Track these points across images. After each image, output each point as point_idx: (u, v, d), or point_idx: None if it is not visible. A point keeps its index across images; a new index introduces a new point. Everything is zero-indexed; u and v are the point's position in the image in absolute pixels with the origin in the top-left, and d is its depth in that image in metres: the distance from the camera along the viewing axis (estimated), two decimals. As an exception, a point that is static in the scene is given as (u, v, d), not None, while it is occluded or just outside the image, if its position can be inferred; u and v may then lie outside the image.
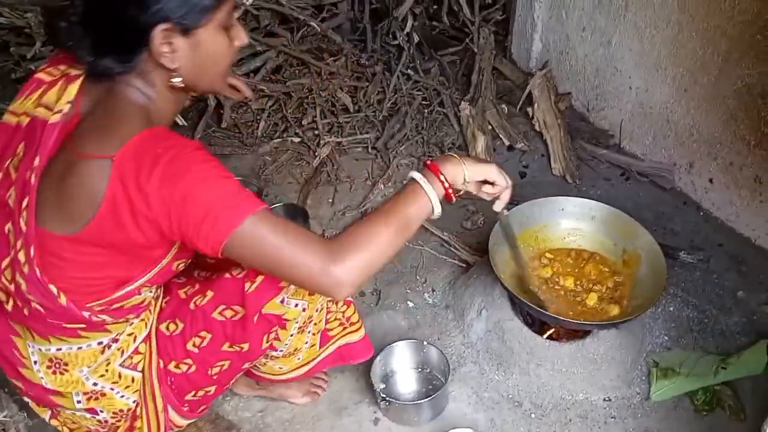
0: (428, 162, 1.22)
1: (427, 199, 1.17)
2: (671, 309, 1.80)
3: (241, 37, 1.17)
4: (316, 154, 2.45)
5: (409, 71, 2.71)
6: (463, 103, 2.54)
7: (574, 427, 1.58)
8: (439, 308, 1.85)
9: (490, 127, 2.49)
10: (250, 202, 1.06)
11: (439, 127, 2.57)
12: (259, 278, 1.24)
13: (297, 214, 2.09)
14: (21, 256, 1.11)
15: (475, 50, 2.72)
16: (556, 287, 1.71)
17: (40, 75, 1.18)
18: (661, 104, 2.14)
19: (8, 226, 1.13)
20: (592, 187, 2.27)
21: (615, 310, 1.65)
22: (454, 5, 2.78)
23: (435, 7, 2.84)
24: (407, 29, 2.81)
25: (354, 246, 1.10)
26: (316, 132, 2.52)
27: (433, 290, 1.91)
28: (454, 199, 1.22)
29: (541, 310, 1.58)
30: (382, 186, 2.33)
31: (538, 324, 1.69)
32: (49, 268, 1.11)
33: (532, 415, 1.60)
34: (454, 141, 2.51)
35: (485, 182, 1.28)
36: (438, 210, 1.19)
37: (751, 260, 1.95)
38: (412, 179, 1.20)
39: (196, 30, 1.09)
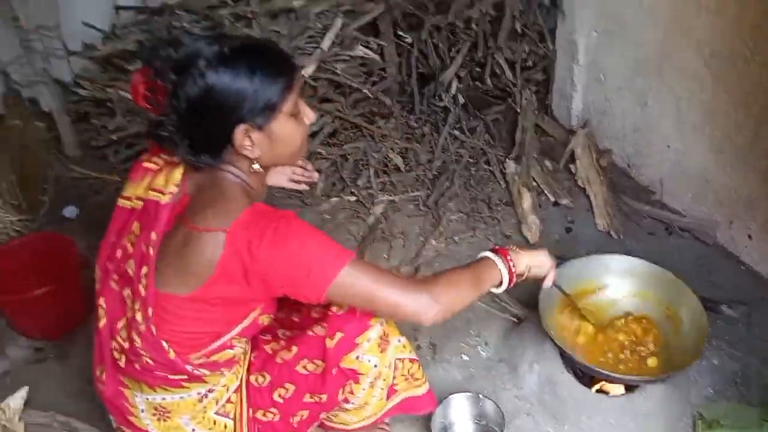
0: (497, 247, 1.47)
1: (498, 271, 1.42)
2: (715, 362, 1.88)
3: (309, 116, 1.38)
4: (371, 212, 2.62)
5: (455, 131, 2.88)
6: (507, 160, 2.70)
7: (624, 476, 1.68)
8: (492, 362, 1.98)
9: (534, 183, 2.63)
10: (342, 255, 1.27)
11: (486, 183, 2.73)
12: (338, 335, 1.41)
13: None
14: (138, 317, 1.31)
15: (518, 110, 2.88)
16: (604, 342, 1.82)
17: (147, 164, 1.41)
18: (698, 163, 2.26)
19: (127, 291, 1.34)
20: (636, 242, 2.37)
21: (660, 365, 1.76)
22: (497, 68, 2.96)
23: (478, 70, 3.02)
24: (452, 91, 3.00)
25: (441, 283, 1.35)
26: (371, 191, 2.70)
27: (486, 344, 2.04)
28: (514, 281, 1.45)
29: (589, 365, 1.69)
30: (433, 242, 2.48)
31: (587, 378, 1.80)
32: (161, 325, 1.30)
33: (585, 465, 1.71)
34: (500, 197, 2.65)
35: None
36: (504, 284, 1.43)
37: (793, 314, 2.03)
38: (488, 258, 1.44)
39: (269, 124, 1.30)
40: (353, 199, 2.69)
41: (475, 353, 2.01)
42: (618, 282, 1.92)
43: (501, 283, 1.44)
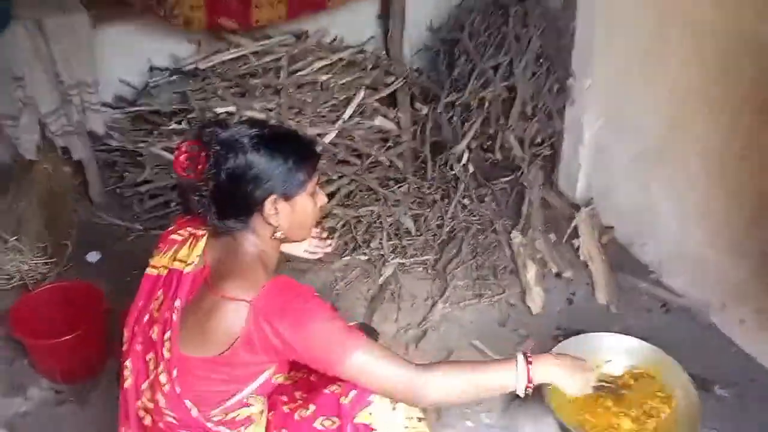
0: (528, 356, 1.54)
1: (513, 380, 1.51)
2: (707, 442, 1.98)
3: (323, 200, 1.58)
4: (381, 272, 2.74)
5: (464, 200, 3.03)
6: (514, 231, 2.84)
7: None
8: (494, 429, 2.07)
9: (539, 255, 2.76)
10: (357, 339, 1.40)
11: (493, 252, 2.85)
12: (352, 393, 1.51)
13: (368, 333, 2.34)
14: (162, 378, 1.41)
15: (525, 184, 3.03)
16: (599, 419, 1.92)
17: (173, 236, 1.56)
18: (694, 249, 2.39)
19: (150, 355, 1.46)
20: (634, 317, 2.48)
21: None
22: (506, 143, 3.13)
23: (489, 142, 3.18)
24: (464, 161, 3.16)
25: (445, 375, 1.46)
26: (382, 252, 2.82)
27: (490, 411, 2.12)
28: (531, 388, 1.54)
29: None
30: (440, 306, 2.60)
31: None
32: (184, 384, 1.41)
33: None
34: (506, 265, 2.77)
35: None
36: (520, 392, 1.52)
37: (783, 397, 2.13)
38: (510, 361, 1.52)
39: (295, 198, 1.48)
40: (365, 259, 2.81)
41: (478, 419, 2.10)
42: (614, 360, 2.02)
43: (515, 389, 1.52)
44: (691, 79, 2.27)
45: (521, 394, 1.52)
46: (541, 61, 3.02)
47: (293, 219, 1.49)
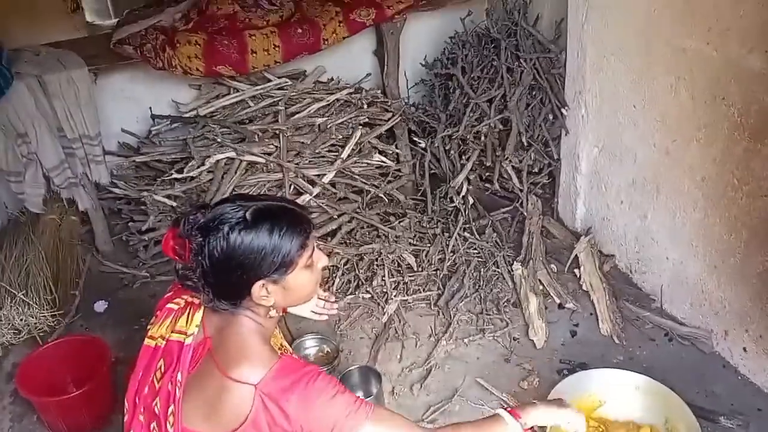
0: (510, 410, 1.54)
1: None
2: (714, 475, 1.97)
3: (323, 261, 1.51)
4: (385, 310, 2.76)
5: (465, 233, 3.05)
6: (515, 263, 2.84)
7: None
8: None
9: (541, 287, 2.76)
10: (364, 411, 1.39)
11: (495, 284, 2.85)
12: None
13: (371, 375, 2.36)
14: None
15: (525, 214, 3.05)
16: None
17: (170, 305, 1.55)
18: (694, 276, 2.39)
19: (153, 425, 1.46)
20: (638, 348, 2.48)
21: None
22: (504, 174, 3.15)
23: (487, 174, 3.21)
24: (463, 193, 3.18)
25: None
26: (384, 290, 2.84)
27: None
28: None
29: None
30: (444, 342, 2.60)
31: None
32: None
33: None
34: (509, 298, 2.78)
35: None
36: None
37: (790, 426, 2.11)
38: (500, 416, 1.51)
39: (284, 278, 1.43)
40: (367, 296, 2.83)
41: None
42: (619, 396, 2.02)
43: None
44: (682, 106, 2.29)
45: None
46: (534, 92, 3.05)
47: (287, 295, 1.46)
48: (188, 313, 1.50)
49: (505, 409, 1.54)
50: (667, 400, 1.96)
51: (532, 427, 1.55)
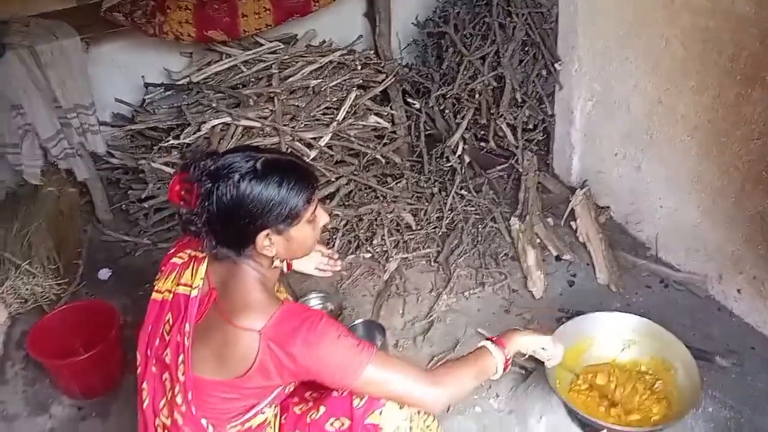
0: (495, 339, 1.62)
1: (494, 361, 1.58)
2: (710, 410, 2.03)
3: (324, 219, 1.54)
4: (386, 268, 2.80)
5: (462, 191, 3.08)
6: (512, 218, 2.89)
7: None
8: (503, 413, 2.13)
9: (538, 240, 2.81)
10: (367, 352, 1.43)
11: (493, 239, 2.91)
12: (366, 396, 1.56)
13: (375, 329, 2.41)
14: (178, 399, 1.47)
15: (520, 170, 3.08)
16: (606, 394, 1.98)
17: (174, 260, 1.59)
18: (689, 222, 2.44)
19: (165, 375, 1.51)
20: (634, 295, 2.54)
21: (661, 414, 1.91)
22: (499, 131, 3.17)
23: (482, 132, 3.23)
24: (459, 152, 3.21)
25: (447, 380, 1.50)
26: (385, 249, 2.88)
27: (498, 396, 2.19)
28: (509, 368, 1.63)
29: (593, 419, 1.85)
30: (445, 296, 2.65)
31: (592, 429, 1.95)
32: (200, 405, 1.46)
33: None
34: (507, 252, 2.83)
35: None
36: (499, 373, 1.58)
37: (783, 363, 2.18)
38: (486, 348, 1.59)
39: (288, 230, 1.46)
40: (368, 256, 2.87)
41: (487, 405, 2.17)
42: (615, 338, 2.08)
43: (497, 371, 1.59)
44: (674, 55, 2.31)
45: (501, 371, 1.59)
46: (527, 48, 3.05)
47: (290, 247, 1.48)
48: (192, 267, 1.53)
49: (491, 339, 1.61)
50: (663, 340, 2.02)
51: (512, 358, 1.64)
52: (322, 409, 1.63)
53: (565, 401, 1.89)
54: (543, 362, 1.80)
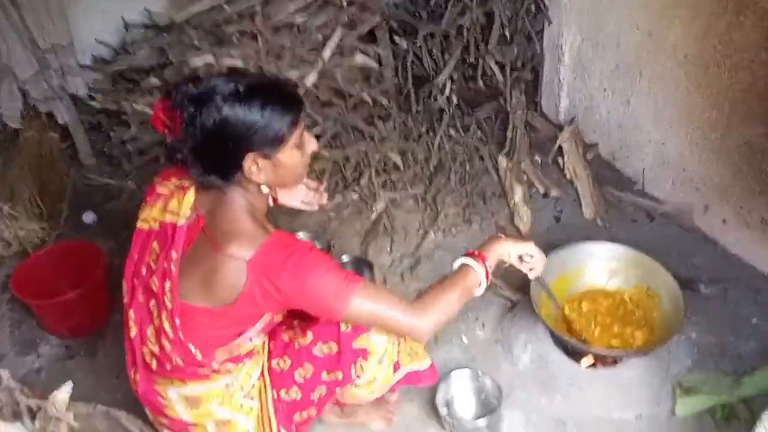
0: (476, 252, 1.59)
1: (477, 275, 1.55)
2: (693, 336, 2.06)
3: (312, 145, 1.52)
4: (373, 208, 2.79)
5: (450, 130, 3.05)
6: (500, 156, 2.87)
7: (611, 441, 1.86)
8: (489, 342, 2.16)
9: (525, 177, 2.80)
10: (354, 284, 1.42)
11: (480, 178, 2.89)
12: None
13: (363, 266, 2.41)
14: (166, 326, 1.47)
15: (508, 109, 3.05)
16: (591, 322, 2.00)
17: (159, 189, 1.56)
18: (676, 155, 2.43)
19: (152, 302, 1.51)
20: (621, 229, 2.54)
21: (642, 340, 1.94)
22: (487, 70, 3.12)
23: (470, 71, 3.18)
24: (447, 92, 3.17)
25: (432, 306, 1.49)
26: (372, 189, 2.86)
27: (484, 326, 2.21)
28: (490, 279, 1.59)
29: (578, 343, 1.87)
30: (432, 235, 2.65)
31: (577, 354, 1.98)
32: (188, 331, 1.46)
33: (575, 432, 1.89)
34: (494, 191, 2.83)
35: (523, 258, 1.67)
36: (483, 287, 1.56)
37: (765, 291, 2.20)
38: (467, 264, 1.56)
39: (275, 154, 1.44)
40: (356, 197, 2.86)
41: (473, 335, 2.19)
42: (602, 267, 2.09)
43: (480, 285, 1.57)
44: (665, -15, 2.26)
45: (484, 284, 1.57)
46: (516, -18, 2.99)
47: (278, 173, 1.46)
48: (179, 196, 1.51)
49: (471, 253, 1.58)
50: (648, 268, 2.03)
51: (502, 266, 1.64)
52: (310, 334, 1.64)
53: (551, 328, 1.91)
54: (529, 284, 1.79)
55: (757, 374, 1.86)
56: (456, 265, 1.59)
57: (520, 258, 1.67)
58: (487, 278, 1.57)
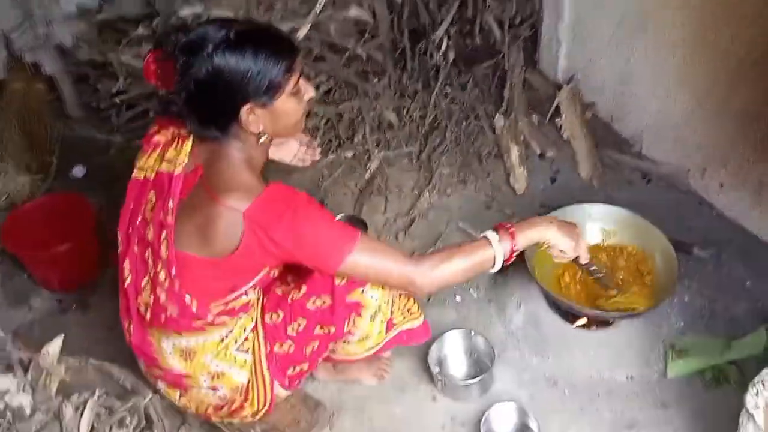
0: (509, 227, 1.50)
1: (493, 259, 1.48)
2: (686, 299, 2.06)
3: (309, 92, 1.48)
4: (367, 167, 2.75)
5: (447, 88, 3.00)
6: (497, 115, 2.83)
7: (601, 401, 1.87)
8: (482, 302, 2.16)
9: (522, 137, 2.77)
10: (352, 238, 1.40)
11: (476, 137, 2.85)
12: None
13: (357, 224, 2.39)
14: (161, 275, 1.45)
15: (506, 67, 2.99)
16: (585, 281, 2.00)
17: (156, 138, 1.53)
18: (675, 117, 2.40)
19: (147, 252, 1.49)
20: (617, 190, 2.52)
21: (635, 302, 1.94)
22: (485, 26, 3.05)
23: (468, 27, 3.11)
24: (443, 48, 3.10)
25: (438, 264, 1.45)
26: (366, 147, 2.82)
27: (478, 287, 2.21)
28: (512, 260, 1.52)
29: (571, 304, 1.87)
30: (427, 194, 2.63)
31: (569, 315, 1.98)
32: (183, 281, 1.45)
33: (566, 392, 1.90)
34: (490, 150, 2.79)
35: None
36: (498, 267, 1.50)
37: (758, 255, 2.20)
38: (487, 239, 1.48)
39: (272, 102, 1.40)
40: (350, 155, 2.82)
41: (467, 295, 2.19)
42: (597, 228, 2.09)
43: (494, 266, 1.49)
44: (669, -60, 2.19)
45: (500, 264, 1.49)
46: (517, -66, 2.90)
47: (275, 122, 1.44)
48: (176, 145, 1.48)
49: (501, 226, 1.51)
50: (643, 230, 2.03)
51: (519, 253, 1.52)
52: (303, 288, 1.62)
53: (544, 289, 1.90)
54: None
55: (747, 337, 1.87)
56: (480, 235, 1.51)
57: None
58: (510, 259, 1.51)
